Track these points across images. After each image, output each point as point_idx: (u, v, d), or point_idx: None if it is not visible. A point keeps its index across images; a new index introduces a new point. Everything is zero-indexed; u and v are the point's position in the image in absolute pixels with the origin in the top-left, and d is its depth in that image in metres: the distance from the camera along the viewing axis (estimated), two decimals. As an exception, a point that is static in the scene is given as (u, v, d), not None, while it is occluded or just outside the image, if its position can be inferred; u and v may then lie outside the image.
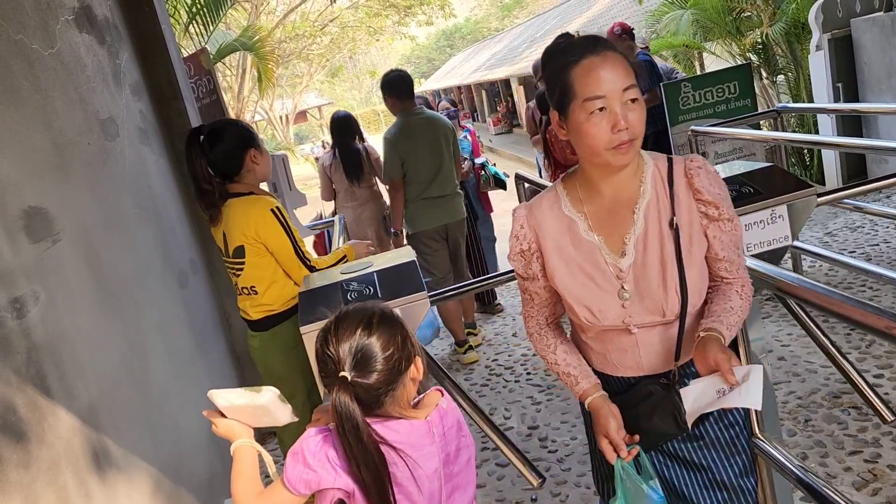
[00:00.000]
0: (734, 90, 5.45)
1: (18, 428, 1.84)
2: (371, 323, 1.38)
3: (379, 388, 1.36)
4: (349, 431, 1.32)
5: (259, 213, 2.58)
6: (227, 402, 1.48)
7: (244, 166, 2.66)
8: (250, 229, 2.58)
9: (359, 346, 1.35)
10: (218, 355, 3.56)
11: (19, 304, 1.96)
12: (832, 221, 5.33)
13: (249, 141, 2.68)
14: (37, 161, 2.25)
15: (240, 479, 1.45)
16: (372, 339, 1.36)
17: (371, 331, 1.37)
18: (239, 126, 2.75)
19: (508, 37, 30.02)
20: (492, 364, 4.28)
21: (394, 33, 24.74)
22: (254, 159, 2.67)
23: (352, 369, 1.34)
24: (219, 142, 2.62)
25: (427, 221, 4.35)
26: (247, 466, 1.46)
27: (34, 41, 2.40)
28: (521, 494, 2.87)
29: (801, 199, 2.01)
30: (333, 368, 1.35)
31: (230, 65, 13.63)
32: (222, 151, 2.63)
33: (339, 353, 1.35)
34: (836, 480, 2.50)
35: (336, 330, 1.38)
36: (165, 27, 3.63)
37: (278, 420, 1.51)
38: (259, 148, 2.70)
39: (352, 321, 1.38)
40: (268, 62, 10.47)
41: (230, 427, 1.50)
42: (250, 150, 2.66)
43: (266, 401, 1.48)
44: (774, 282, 1.64)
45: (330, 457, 1.36)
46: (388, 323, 1.41)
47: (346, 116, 5.08)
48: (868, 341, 3.37)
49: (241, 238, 2.60)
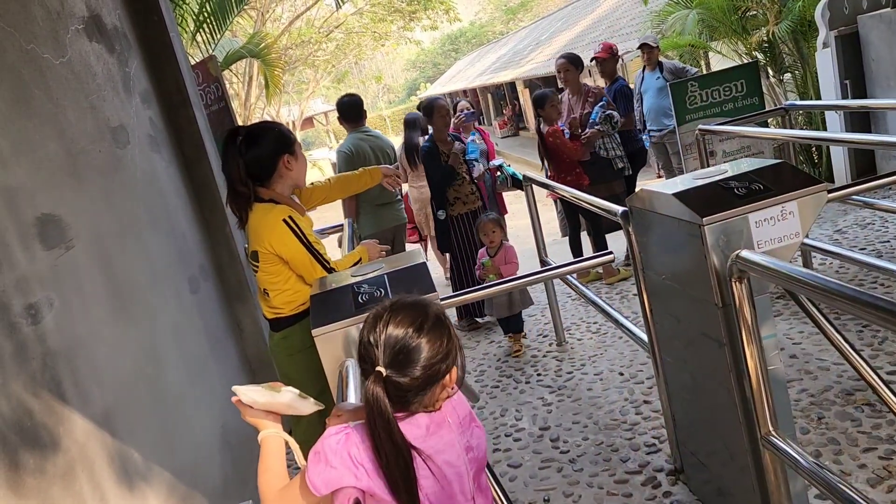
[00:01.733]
0: (741, 89, 5.44)
1: (34, 433, 1.86)
2: (423, 326, 1.37)
3: (409, 391, 1.36)
4: (380, 425, 1.33)
5: (272, 223, 2.58)
6: (249, 398, 1.51)
7: (277, 171, 2.63)
8: (264, 239, 2.59)
9: (404, 345, 1.35)
10: (231, 360, 3.58)
11: (34, 311, 1.97)
12: (842, 219, 5.30)
13: (285, 146, 2.64)
14: (50, 169, 2.27)
15: (266, 472, 1.46)
16: (420, 342, 1.35)
17: (421, 333, 1.36)
18: (276, 130, 2.70)
19: (513, 40, 30.05)
20: (502, 366, 4.28)
21: (399, 38, 24.77)
22: (287, 165, 2.64)
23: (389, 366, 1.34)
24: (254, 145, 2.60)
25: (380, 223, 5.12)
26: (274, 460, 1.48)
27: (45, 50, 2.42)
28: (533, 495, 2.87)
29: (812, 196, 2.01)
30: (371, 359, 1.36)
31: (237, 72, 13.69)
32: (256, 155, 2.60)
33: (381, 345, 1.35)
34: (850, 477, 2.49)
35: (388, 320, 1.37)
36: (174, 35, 3.66)
37: (302, 411, 1.54)
38: (294, 153, 2.67)
39: (406, 316, 1.37)
40: (274, 69, 10.50)
41: (258, 416, 1.51)
42: (284, 155, 2.63)
43: (287, 400, 1.50)
44: (786, 278, 1.64)
45: (352, 455, 1.36)
46: (439, 329, 1.39)
47: (412, 118, 5.75)
48: (881, 338, 3.35)
49: (257, 245, 2.62)
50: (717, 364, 2.09)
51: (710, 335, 2.10)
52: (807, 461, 1.74)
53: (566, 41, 20.58)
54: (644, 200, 2.37)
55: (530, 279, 2.67)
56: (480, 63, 30.93)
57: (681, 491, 2.67)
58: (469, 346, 4.75)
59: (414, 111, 5.89)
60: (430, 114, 4.97)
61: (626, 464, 2.93)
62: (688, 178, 2.30)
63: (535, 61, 20.74)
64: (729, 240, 1.95)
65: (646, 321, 2.62)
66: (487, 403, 3.79)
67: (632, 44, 13.82)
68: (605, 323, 4.49)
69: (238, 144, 2.59)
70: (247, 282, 3.86)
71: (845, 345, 2.60)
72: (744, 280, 1.85)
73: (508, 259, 4.25)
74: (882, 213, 5.02)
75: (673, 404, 2.64)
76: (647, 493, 2.71)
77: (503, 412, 3.65)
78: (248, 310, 3.84)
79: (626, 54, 14.36)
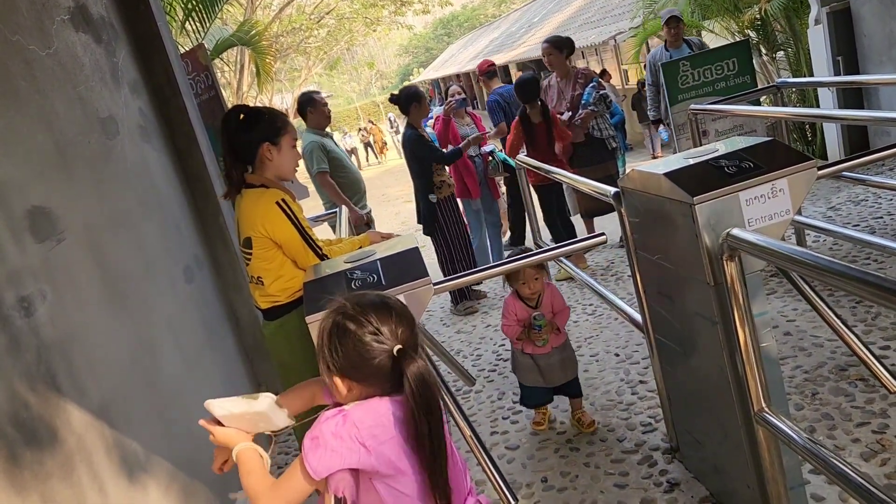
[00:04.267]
0: (733, 67, 5.42)
1: (31, 425, 1.86)
2: (390, 303, 1.47)
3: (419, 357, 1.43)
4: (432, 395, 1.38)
5: (265, 206, 2.56)
6: (226, 410, 1.50)
7: (256, 157, 2.59)
8: (258, 223, 2.56)
9: (398, 326, 1.42)
10: (227, 350, 3.58)
11: (27, 304, 1.97)
12: (835, 196, 5.31)
13: (268, 135, 2.58)
14: (39, 161, 2.26)
15: (249, 475, 1.47)
16: (399, 313, 1.45)
17: (394, 308, 1.45)
18: (265, 116, 2.62)
19: (506, 23, 29.89)
20: (499, 349, 4.29)
21: (390, 23, 24.63)
22: (268, 153, 2.58)
23: (401, 342, 1.41)
24: (240, 126, 2.56)
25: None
26: (254, 464, 1.49)
27: (31, 42, 2.41)
28: (531, 476, 2.89)
29: (802, 173, 2.01)
30: (384, 347, 1.40)
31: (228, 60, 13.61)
32: (238, 137, 2.56)
33: (385, 332, 1.41)
34: (844, 452, 2.51)
35: (366, 314, 1.42)
36: (161, 24, 3.63)
37: (275, 425, 1.54)
38: (276, 144, 2.59)
39: (376, 305, 1.45)
40: (266, 57, 10.45)
41: (228, 435, 1.52)
42: (265, 143, 2.57)
43: (264, 407, 1.50)
44: (775, 255, 1.64)
45: (352, 435, 1.38)
46: (402, 304, 1.50)
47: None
48: (874, 314, 3.37)
49: (250, 230, 2.59)
50: (711, 342, 2.10)
51: (702, 314, 2.10)
52: (800, 437, 1.75)
53: (558, 23, 20.49)
54: (636, 181, 2.37)
55: (524, 262, 2.67)
56: (473, 47, 30.79)
57: (677, 469, 2.69)
58: (466, 331, 4.76)
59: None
60: (409, 104, 5.01)
61: (622, 443, 2.95)
62: (679, 157, 2.30)
63: (527, 44, 20.66)
64: (720, 218, 1.95)
65: (639, 302, 2.63)
66: (485, 387, 3.81)
67: (623, 24, 13.77)
68: (601, 305, 4.50)
69: (229, 123, 2.57)
70: (242, 272, 3.86)
71: (838, 321, 2.62)
72: (735, 258, 1.86)
73: (558, 306, 3.10)
74: (875, 190, 5.03)
75: (668, 384, 2.65)
76: (643, 471, 2.73)
77: (500, 395, 3.66)
78: (244, 299, 3.85)
79: (619, 35, 14.30)
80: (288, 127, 2.65)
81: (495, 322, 4.75)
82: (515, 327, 3.05)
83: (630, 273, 2.71)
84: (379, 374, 1.40)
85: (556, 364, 3.04)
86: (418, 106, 4.99)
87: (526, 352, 3.07)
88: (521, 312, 3.05)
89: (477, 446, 2.44)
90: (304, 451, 1.39)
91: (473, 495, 1.63)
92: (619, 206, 2.55)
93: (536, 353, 3.03)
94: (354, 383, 1.43)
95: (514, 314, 3.06)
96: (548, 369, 3.05)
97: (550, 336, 3.02)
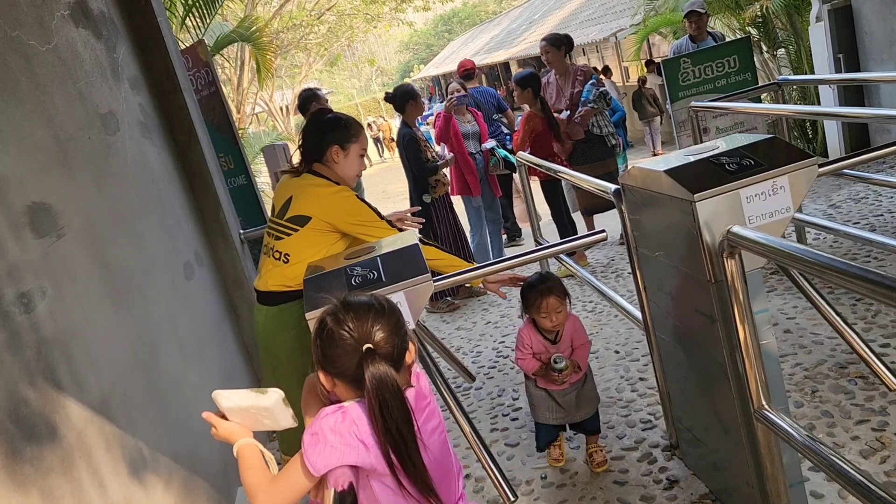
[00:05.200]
0: (734, 64, 5.41)
1: (31, 421, 1.86)
2: (382, 306, 1.47)
3: (396, 361, 1.45)
4: (391, 396, 1.38)
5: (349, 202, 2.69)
6: (232, 403, 1.50)
7: (326, 157, 2.75)
8: (329, 211, 2.67)
9: (374, 324, 1.43)
10: (227, 346, 3.58)
11: (27, 299, 1.97)
12: (836, 193, 5.31)
13: (338, 138, 2.75)
14: (39, 157, 2.26)
15: (248, 471, 1.47)
16: (384, 320, 1.44)
17: (383, 312, 1.46)
18: (342, 121, 2.80)
19: (507, 19, 29.86)
20: (499, 346, 4.30)
21: (391, 20, 24.60)
22: (335, 156, 2.75)
23: (375, 343, 1.42)
24: (320, 124, 2.77)
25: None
26: (254, 460, 1.49)
27: (31, 37, 2.40)
28: (531, 473, 2.89)
29: (803, 170, 2.01)
30: (353, 344, 1.41)
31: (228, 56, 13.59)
32: (314, 132, 2.77)
33: (358, 330, 1.42)
34: (843, 449, 2.51)
35: (347, 311, 1.44)
36: (162, 20, 3.63)
37: (279, 424, 1.53)
38: (345, 149, 2.76)
39: (361, 304, 1.47)
40: (266, 53, 10.41)
41: (230, 430, 1.52)
42: (334, 146, 2.74)
43: (271, 403, 1.49)
44: (776, 253, 1.64)
45: (352, 432, 1.38)
46: (392, 307, 1.50)
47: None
48: (874, 311, 3.37)
49: (312, 212, 2.68)
50: (711, 340, 2.10)
51: (702, 311, 2.10)
52: (800, 434, 1.75)
53: (559, 20, 20.46)
54: (636, 178, 2.36)
55: (524, 259, 2.67)
56: (474, 43, 30.76)
57: (676, 466, 2.69)
58: (466, 328, 4.76)
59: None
60: (404, 102, 5.02)
61: (622, 440, 2.95)
62: (679, 154, 2.29)
63: (528, 41, 20.63)
64: (721, 216, 1.95)
65: (640, 299, 2.63)
66: (485, 384, 3.81)
67: (624, 21, 13.76)
68: (601, 302, 4.50)
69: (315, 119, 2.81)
70: (242, 267, 3.86)
71: (838, 319, 2.62)
72: (735, 256, 1.86)
73: (579, 340, 2.74)
74: (875, 188, 5.03)
75: (668, 381, 2.65)
76: (643, 468, 2.73)
77: (500, 392, 3.67)
78: (244, 295, 3.84)
79: (620, 32, 14.29)
80: (361, 136, 2.83)
81: (495, 319, 4.76)
82: (531, 362, 2.70)
83: (630, 270, 2.71)
84: (347, 372, 1.42)
85: (574, 400, 2.73)
86: (413, 104, 5.02)
87: (540, 385, 2.75)
88: (538, 346, 2.70)
89: (476, 443, 2.45)
90: (303, 447, 1.39)
91: (464, 501, 1.63)
92: (619, 203, 2.55)
93: (552, 387, 2.72)
94: (336, 379, 1.46)
95: (530, 347, 2.71)
96: (566, 405, 2.73)
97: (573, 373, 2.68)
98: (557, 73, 5.46)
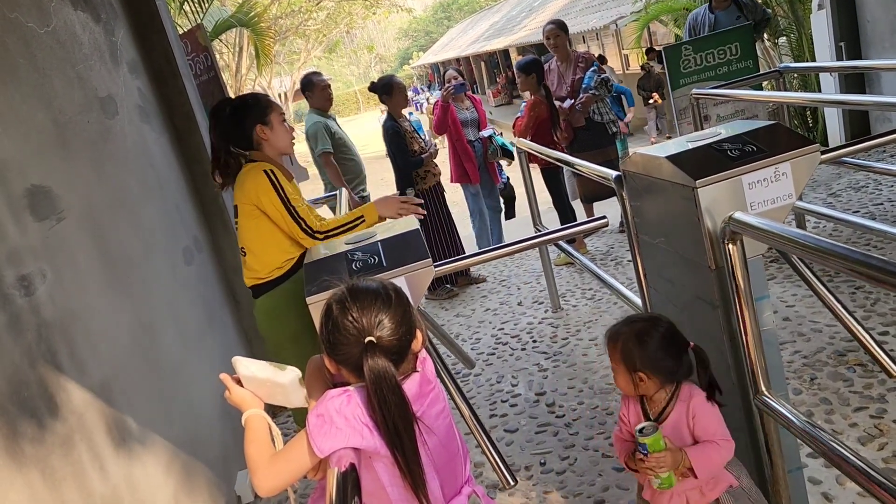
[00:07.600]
0: (735, 52, 5.39)
1: (32, 403, 1.87)
2: (389, 296, 1.45)
3: (398, 353, 1.43)
4: (388, 391, 1.37)
5: (253, 174, 2.64)
6: (250, 372, 1.50)
7: (254, 140, 2.71)
8: (245, 191, 2.65)
9: (379, 315, 1.42)
10: (228, 331, 3.58)
11: (27, 282, 1.97)
12: (836, 182, 5.30)
13: (257, 117, 2.70)
14: (38, 140, 2.25)
15: (252, 444, 1.48)
16: (390, 312, 1.43)
17: (389, 303, 1.44)
18: (250, 101, 2.76)
19: (507, 6, 29.70)
20: (498, 333, 4.30)
21: (390, 6, 24.49)
22: (262, 134, 2.70)
23: (377, 335, 1.40)
24: (230, 116, 2.69)
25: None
26: (259, 433, 1.49)
27: (29, 19, 2.38)
28: (530, 459, 2.90)
29: (805, 157, 2.00)
30: (356, 335, 1.40)
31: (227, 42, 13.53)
32: (233, 128, 2.69)
33: (362, 321, 1.41)
34: (842, 436, 2.52)
35: (354, 300, 1.43)
36: (160, 3, 3.60)
37: (291, 402, 1.54)
38: (267, 123, 2.71)
39: (368, 292, 1.45)
40: (265, 38, 10.37)
41: (243, 396, 1.52)
42: (256, 125, 2.69)
43: (287, 381, 1.50)
44: (778, 239, 1.64)
45: (357, 415, 1.39)
46: (398, 294, 1.48)
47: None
48: (873, 299, 3.37)
49: (238, 198, 2.68)
50: (711, 326, 2.10)
51: (703, 298, 2.10)
52: (799, 420, 1.76)
53: (559, 7, 20.36)
54: (637, 164, 2.36)
55: (525, 245, 2.67)
56: (473, 31, 30.63)
57: (675, 452, 2.70)
58: (465, 315, 4.77)
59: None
60: (388, 92, 5.00)
61: (621, 427, 2.96)
62: (681, 140, 2.29)
63: (528, 28, 20.55)
64: (722, 202, 1.94)
65: (640, 286, 2.63)
66: (484, 370, 3.82)
67: (625, 9, 13.69)
68: (600, 289, 4.50)
69: (220, 117, 2.69)
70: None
71: (838, 306, 2.62)
72: (737, 242, 1.86)
73: (703, 431, 1.77)
74: (875, 176, 5.02)
75: (667, 367, 2.65)
76: (641, 454, 2.74)
77: (499, 378, 3.67)
78: (244, 281, 3.84)
79: (620, 19, 14.23)
80: (273, 105, 2.78)
81: (494, 306, 4.76)
82: (623, 441, 1.89)
83: (630, 258, 2.71)
84: (350, 360, 1.42)
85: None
86: (398, 95, 5.01)
87: (644, 497, 1.87)
88: (634, 417, 1.85)
89: (477, 428, 2.46)
90: (308, 428, 1.39)
91: (471, 484, 1.64)
92: (620, 189, 2.55)
93: (656, 499, 1.80)
94: (340, 365, 1.46)
95: (626, 419, 1.89)
96: None
97: (677, 479, 1.73)
98: (560, 59, 5.43)
